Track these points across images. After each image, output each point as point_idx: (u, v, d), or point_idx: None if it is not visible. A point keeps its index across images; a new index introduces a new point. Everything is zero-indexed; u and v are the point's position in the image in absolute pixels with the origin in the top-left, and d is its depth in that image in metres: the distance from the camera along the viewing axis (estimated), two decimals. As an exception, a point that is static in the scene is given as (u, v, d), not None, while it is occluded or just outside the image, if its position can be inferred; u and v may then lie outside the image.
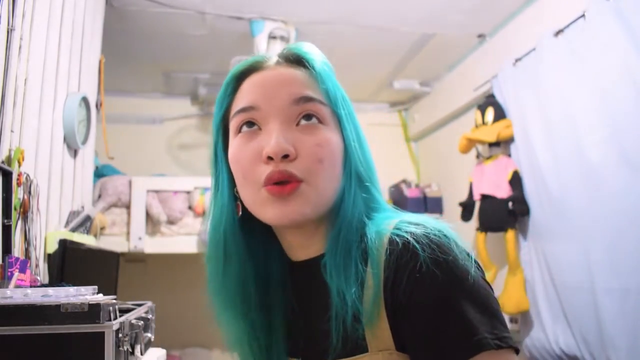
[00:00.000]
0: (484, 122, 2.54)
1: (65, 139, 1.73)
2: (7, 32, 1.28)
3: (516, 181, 2.35)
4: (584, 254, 1.94)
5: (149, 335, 1.22)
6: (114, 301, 0.97)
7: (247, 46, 2.61)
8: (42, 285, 1.31)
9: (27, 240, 1.38)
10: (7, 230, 1.25)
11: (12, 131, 1.30)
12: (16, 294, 0.93)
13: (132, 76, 3.26)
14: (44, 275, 1.50)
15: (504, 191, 2.39)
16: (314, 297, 0.62)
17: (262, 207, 0.59)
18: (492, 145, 2.54)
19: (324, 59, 0.65)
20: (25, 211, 1.37)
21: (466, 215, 2.64)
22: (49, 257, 1.52)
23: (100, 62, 2.17)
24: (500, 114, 2.48)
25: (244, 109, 0.61)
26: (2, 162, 1.24)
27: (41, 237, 1.50)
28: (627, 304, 1.74)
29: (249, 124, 0.61)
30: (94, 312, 0.88)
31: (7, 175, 1.26)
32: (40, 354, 0.86)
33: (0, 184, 1.24)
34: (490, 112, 2.51)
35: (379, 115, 3.89)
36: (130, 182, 2.58)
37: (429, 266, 0.51)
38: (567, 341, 2.06)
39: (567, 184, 2.04)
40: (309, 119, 0.60)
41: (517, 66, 2.39)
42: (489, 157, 2.56)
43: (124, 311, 1.07)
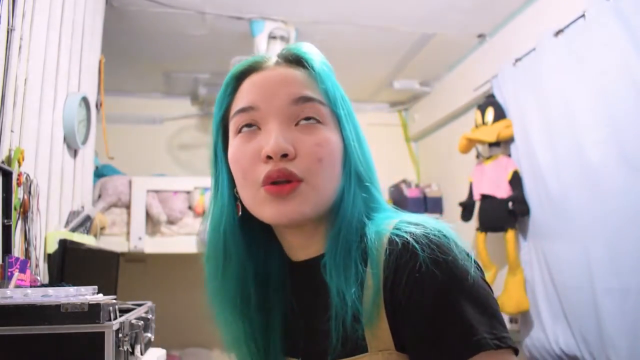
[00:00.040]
0: (484, 122, 2.54)
1: (65, 139, 1.73)
2: (7, 32, 1.28)
3: (516, 181, 2.35)
4: (584, 254, 1.93)
5: (149, 335, 1.22)
6: (114, 301, 0.97)
7: (247, 46, 2.61)
8: (42, 285, 1.31)
9: (27, 240, 1.38)
10: (7, 230, 1.26)
11: (12, 131, 1.30)
12: (16, 294, 0.93)
13: (132, 76, 3.26)
14: (44, 275, 1.50)
15: (504, 191, 2.39)
16: (314, 297, 0.62)
17: (261, 207, 0.59)
18: (492, 145, 2.54)
19: (323, 59, 0.65)
20: (25, 211, 1.37)
21: (466, 215, 2.64)
22: (49, 257, 1.52)
23: (100, 62, 2.17)
24: (500, 114, 2.48)
25: (243, 109, 0.61)
26: (2, 162, 1.25)
27: (41, 237, 1.50)
28: (627, 304, 1.74)
29: (249, 125, 0.61)
30: (94, 312, 0.88)
31: (7, 175, 1.26)
32: (40, 354, 0.86)
33: (0, 184, 1.24)
34: (490, 112, 2.51)
35: (379, 115, 3.89)
36: (130, 182, 2.58)
37: (429, 266, 0.51)
38: (567, 341, 2.06)
39: (567, 183, 2.04)
40: (308, 118, 0.60)
41: (517, 66, 2.39)
42: (489, 157, 2.56)
43: (124, 311, 1.07)
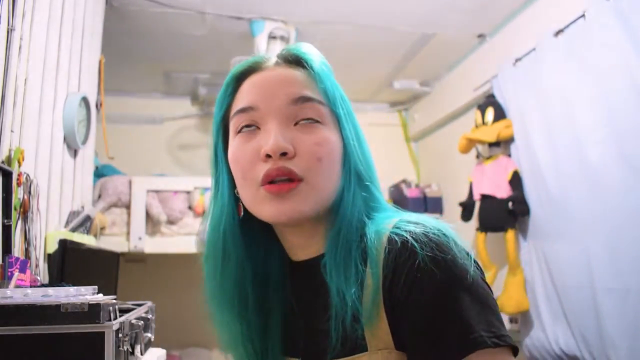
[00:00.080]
0: (484, 122, 2.54)
1: (65, 139, 1.74)
2: (7, 32, 1.28)
3: (516, 181, 2.35)
4: (584, 254, 1.93)
5: (149, 335, 1.22)
6: (114, 301, 0.97)
7: (247, 46, 2.61)
8: (42, 285, 1.31)
9: (27, 240, 1.38)
10: (7, 230, 1.26)
11: (12, 131, 1.30)
12: (16, 294, 0.93)
13: (132, 76, 3.26)
14: (44, 275, 1.50)
15: (504, 191, 2.39)
16: (314, 297, 0.62)
17: (261, 205, 0.59)
18: (492, 145, 2.54)
19: (323, 59, 0.66)
20: (25, 211, 1.37)
21: (466, 215, 2.63)
22: (49, 257, 1.52)
23: (100, 62, 2.17)
24: (500, 114, 2.48)
25: (243, 109, 0.61)
26: (2, 162, 1.24)
27: (41, 237, 1.50)
28: (627, 304, 1.74)
29: (249, 125, 0.61)
30: (94, 312, 0.88)
31: (7, 175, 1.26)
32: (40, 354, 0.86)
33: (0, 184, 1.24)
34: (490, 112, 2.51)
35: (379, 115, 3.88)
36: (130, 182, 2.58)
37: (428, 265, 0.51)
38: (567, 341, 2.06)
39: (567, 183, 2.04)
40: (307, 118, 0.60)
41: (517, 66, 2.39)
42: (489, 157, 2.56)
43: (124, 311, 1.07)
